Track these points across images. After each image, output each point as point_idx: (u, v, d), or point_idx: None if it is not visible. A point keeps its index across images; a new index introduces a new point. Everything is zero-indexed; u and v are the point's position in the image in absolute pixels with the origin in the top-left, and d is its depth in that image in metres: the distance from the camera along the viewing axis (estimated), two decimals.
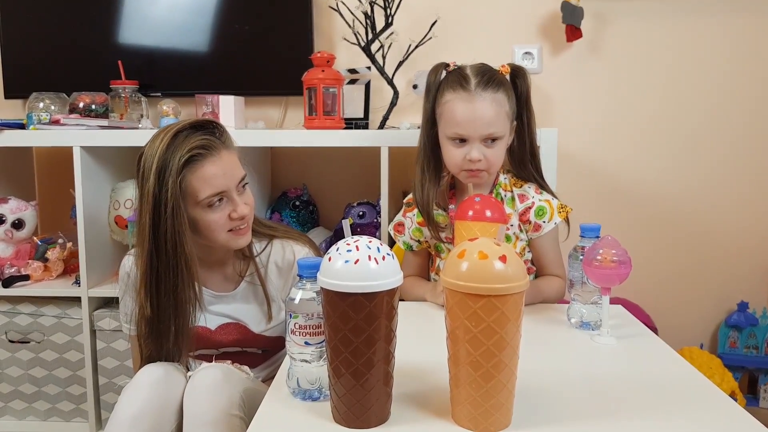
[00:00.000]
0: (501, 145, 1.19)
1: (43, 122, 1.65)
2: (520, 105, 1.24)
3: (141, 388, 1.06)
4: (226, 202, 1.10)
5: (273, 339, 1.25)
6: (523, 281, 0.67)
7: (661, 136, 1.89)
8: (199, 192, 1.07)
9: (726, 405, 0.77)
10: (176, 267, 1.05)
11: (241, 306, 1.23)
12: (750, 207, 1.89)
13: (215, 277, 1.22)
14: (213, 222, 1.09)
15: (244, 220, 1.12)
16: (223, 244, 1.14)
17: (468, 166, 1.18)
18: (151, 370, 1.09)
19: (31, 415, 1.69)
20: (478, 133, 1.16)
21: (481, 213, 1.04)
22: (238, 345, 1.24)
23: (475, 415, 0.68)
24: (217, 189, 1.08)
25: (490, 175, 1.22)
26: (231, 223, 1.11)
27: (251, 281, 1.22)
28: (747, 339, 1.86)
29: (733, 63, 1.85)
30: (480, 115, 1.16)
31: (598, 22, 1.86)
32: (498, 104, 1.18)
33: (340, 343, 0.68)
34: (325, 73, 1.62)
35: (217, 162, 1.08)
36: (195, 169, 1.06)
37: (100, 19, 1.88)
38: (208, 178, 1.07)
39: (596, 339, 1.00)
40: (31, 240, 1.75)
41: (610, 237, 0.98)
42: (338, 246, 0.70)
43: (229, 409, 1.00)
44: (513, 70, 1.23)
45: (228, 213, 1.10)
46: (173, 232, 1.04)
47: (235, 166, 1.12)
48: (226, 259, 1.22)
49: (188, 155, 1.04)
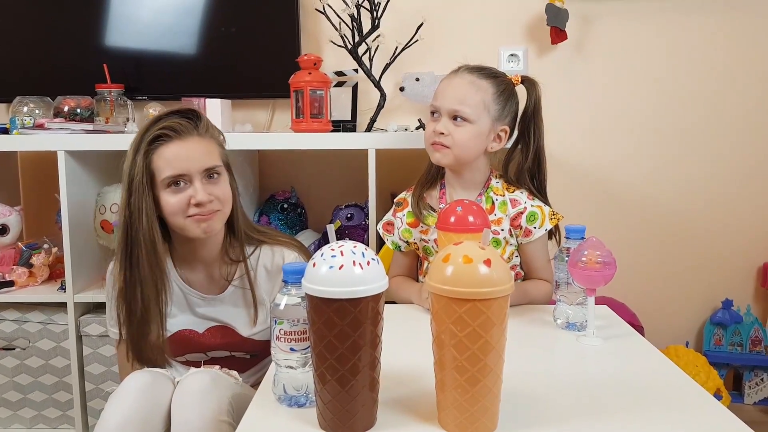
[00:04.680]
0: (469, 130, 1.20)
1: (27, 126, 1.63)
2: (527, 116, 1.27)
3: (128, 395, 1.05)
4: (187, 186, 1.11)
5: (262, 343, 1.24)
6: (508, 285, 0.67)
7: (646, 137, 1.91)
8: (161, 171, 1.09)
9: (710, 405, 0.78)
10: (143, 243, 1.09)
11: (230, 309, 1.22)
12: (735, 206, 1.91)
13: (201, 278, 1.21)
14: (170, 204, 1.10)
15: (203, 207, 1.11)
16: (183, 230, 1.13)
17: (433, 138, 1.22)
18: (138, 376, 1.09)
19: (16, 422, 1.67)
20: (446, 107, 1.21)
21: (463, 219, 1.03)
22: (227, 348, 1.24)
23: (461, 420, 0.69)
24: (176, 171, 1.09)
25: (456, 160, 1.23)
26: (189, 209, 1.11)
27: (240, 285, 1.21)
28: (732, 336, 1.88)
29: (721, 63, 1.87)
30: (452, 88, 1.21)
31: (583, 24, 1.87)
32: (476, 88, 1.20)
33: (325, 350, 0.68)
34: (312, 75, 1.61)
35: (183, 145, 1.11)
36: (160, 149, 1.10)
37: (85, 22, 1.86)
38: (170, 158, 1.09)
39: (582, 340, 1.01)
40: (15, 245, 1.73)
41: (594, 238, 0.99)
42: (323, 251, 0.70)
43: (217, 415, 1.00)
44: (524, 80, 1.27)
45: (188, 198, 1.10)
46: (138, 208, 1.08)
47: (203, 154, 1.12)
48: (211, 260, 1.21)
49: (156, 133, 1.09)
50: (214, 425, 0.99)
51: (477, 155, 1.24)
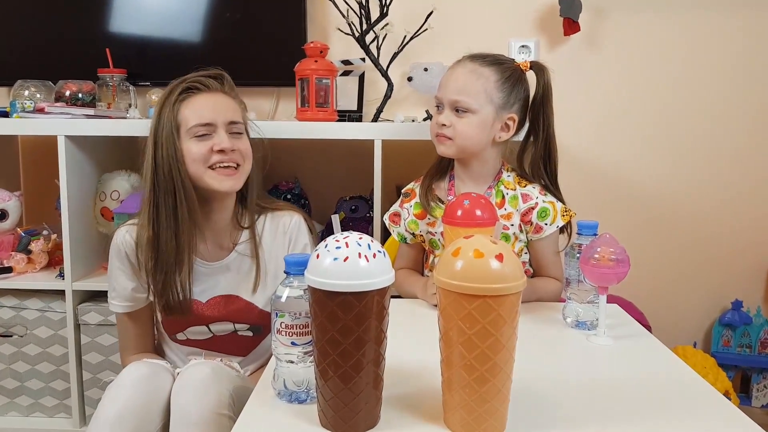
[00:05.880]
0: (472, 120, 1.17)
1: (28, 110, 1.60)
2: (536, 103, 1.23)
3: (125, 386, 1.04)
4: (211, 137, 1.16)
5: (265, 314, 1.25)
6: (521, 281, 0.64)
7: (659, 133, 1.87)
8: (188, 120, 1.15)
9: (722, 406, 0.76)
10: (174, 193, 1.13)
11: (234, 275, 1.24)
12: (745, 206, 1.88)
13: (208, 245, 1.23)
14: (193, 152, 1.14)
15: (226, 155, 1.16)
16: (202, 181, 1.16)
17: (436, 130, 1.20)
18: (136, 367, 1.08)
19: (13, 410, 1.65)
20: (447, 98, 1.19)
21: (470, 213, 0.99)
22: (229, 319, 1.24)
23: (468, 420, 0.66)
24: (203, 119, 1.15)
25: (459, 151, 1.20)
26: (212, 157, 1.15)
27: (244, 252, 1.24)
28: (741, 338, 1.85)
29: (734, 59, 1.83)
30: (453, 79, 1.19)
31: (597, 16, 1.83)
32: (476, 76, 1.17)
33: (327, 345, 0.65)
34: (318, 63, 1.58)
35: (210, 98, 1.18)
36: (188, 100, 1.17)
37: (88, 6, 1.82)
38: (197, 108, 1.16)
39: (592, 339, 0.98)
40: (14, 231, 1.70)
41: (608, 235, 0.96)
42: (327, 242, 0.67)
43: (217, 408, 0.99)
44: (533, 66, 1.24)
45: (211, 146, 1.15)
46: (168, 158, 1.13)
47: (229, 108, 1.19)
48: (221, 226, 1.24)
49: (183, 87, 1.17)
50: (213, 418, 0.98)
51: (483, 146, 1.20)
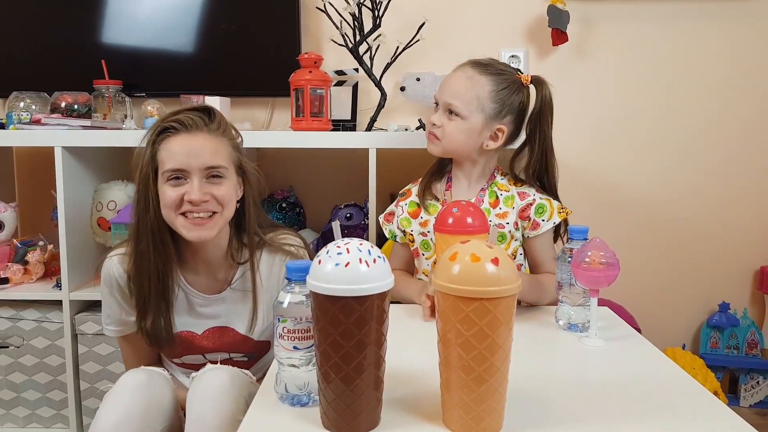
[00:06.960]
0: (459, 124, 1.21)
1: (24, 122, 1.61)
2: (534, 116, 1.26)
3: (123, 393, 1.04)
4: (185, 182, 1.08)
5: (260, 344, 1.23)
6: (516, 284, 0.67)
7: (646, 140, 1.91)
8: (164, 163, 1.08)
9: (713, 405, 0.78)
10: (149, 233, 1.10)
11: (230, 308, 1.20)
12: (732, 212, 1.92)
13: (203, 279, 1.19)
14: (167, 198, 1.08)
15: (197, 207, 1.07)
16: (175, 228, 1.10)
17: (429, 128, 1.25)
18: (134, 375, 1.08)
19: (9, 422, 1.65)
20: (442, 99, 1.24)
21: (461, 221, 1.00)
22: (225, 350, 1.22)
23: (466, 420, 0.68)
24: (176, 165, 1.07)
25: (444, 152, 1.25)
26: (183, 205, 1.07)
27: (241, 287, 1.19)
28: (728, 339, 1.88)
29: (722, 67, 1.87)
30: (451, 82, 1.23)
31: (585, 26, 1.87)
32: (472, 83, 1.21)
33: (329, 348, 0.67)
34: (312, 74, 1.61)
35: (188, 140, 1.08)
36: (165, 142, 1.09)
37: (84, 17, 1.84)
38: (173, 152, 1.08)
39: (584, 341, 1.00)
40: (10, 242, 1.71)
41: (598, 239, 0.99)
42: (328, 248, 0.69)
43: (235, 414, 0.98)
44: (534, 80, 1.27)
45: (183, 194, 1.07)
46: (145, 198, 1.09)
47: (208, 151, 1.09)
48: (214, 262, 1.18)
49: (163, 126, 1.09)
50: (231, 424, 0.97)
51: (469, 151, 1.24)
